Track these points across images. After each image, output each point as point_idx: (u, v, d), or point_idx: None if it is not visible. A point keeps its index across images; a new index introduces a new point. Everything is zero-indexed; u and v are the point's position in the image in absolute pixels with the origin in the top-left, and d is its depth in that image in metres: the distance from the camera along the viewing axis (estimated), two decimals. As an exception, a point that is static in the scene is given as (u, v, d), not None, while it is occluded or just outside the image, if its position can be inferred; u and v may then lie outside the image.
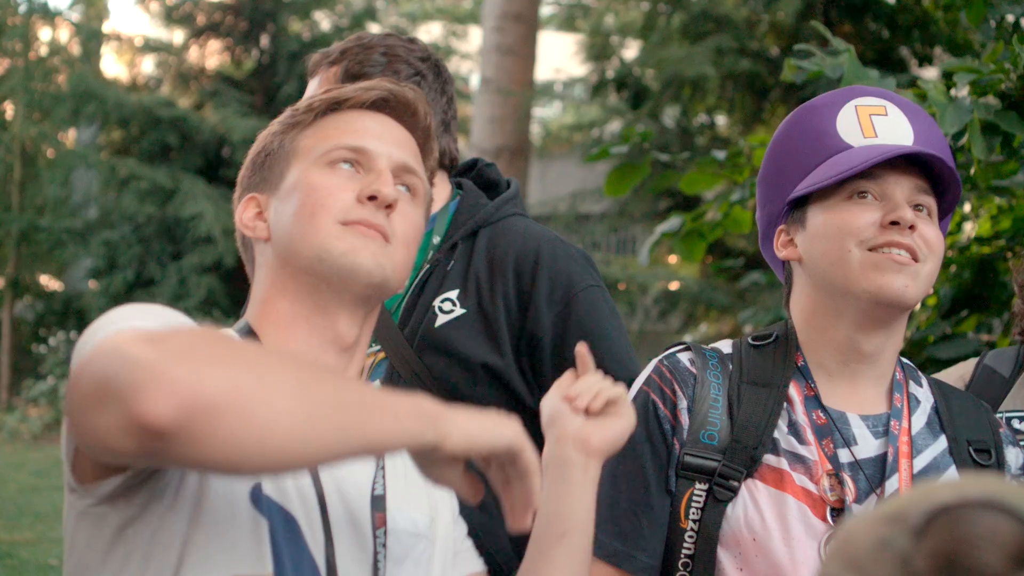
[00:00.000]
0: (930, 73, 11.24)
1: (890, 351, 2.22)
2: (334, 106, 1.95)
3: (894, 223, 2.10)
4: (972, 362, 2.66)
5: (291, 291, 1.87)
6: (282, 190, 1.91)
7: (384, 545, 1.80)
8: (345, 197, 1.86)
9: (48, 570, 8.19)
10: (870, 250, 2.11)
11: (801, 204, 2.21)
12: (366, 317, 1.90)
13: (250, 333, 1.87)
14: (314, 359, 1.85)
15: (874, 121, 2.19)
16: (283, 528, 1.70)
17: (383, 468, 1.87)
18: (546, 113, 23.48)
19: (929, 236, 2.13)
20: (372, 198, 1.85)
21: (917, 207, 2.14)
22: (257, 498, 1.70)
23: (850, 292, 2.12)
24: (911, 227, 2.10)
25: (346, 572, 1.75)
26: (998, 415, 2.52)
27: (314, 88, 2.85)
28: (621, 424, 1.91)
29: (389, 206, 1.86)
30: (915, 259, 2.11)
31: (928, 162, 2.15)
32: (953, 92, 3.58)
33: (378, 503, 1.83)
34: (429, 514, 1.92)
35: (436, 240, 2.71)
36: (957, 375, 2.65)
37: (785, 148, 2.24)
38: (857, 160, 2.11)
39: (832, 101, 2.23)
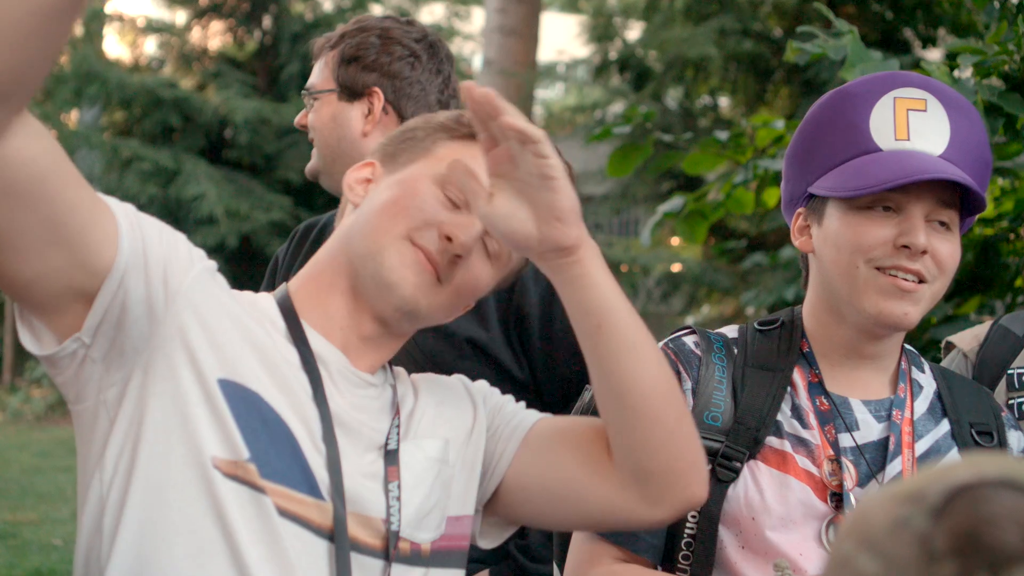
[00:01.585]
0: (934, 55, 11.22)
1: (892, 348, 2.23)
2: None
3: (906, 246, 2.08)
4: (988, 323, 2.67)
5: (341, 264, 1.93)
6: (395, 176, 1.94)
7: (398, 498, 1.84)
8: (429, 220, 1.88)
9: (51, 550, 8.20)
10: (878, 268, 2.09)
11: (821, 196, 2.19)
12: (396, 333, 1.95)
13: (286, 298, 1.93)
14: (337, 331, 1.91)
15: (910, 119, 2.13)
16: (268, 431, 1.77)
17: (398, 427, 1.91)
18: (548, 94, 23.40)
19: (942, 255, 2.11)
20: (449, 239, 1.87)
21: (938, 221, 2.12)
22: (230, 391, 1.75)
23: (852, 306, 2.13)
24: (923, 251, 2.08)
25: (355, 496, 1.81)
26: (1010, 372, 2.53)
27: (318, 71, 2.87)
28: (560, 191, 1.72)
29: (459, 255, 1.88)
30: (922, 281, 2.10)
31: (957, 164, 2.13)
32: (956, 73, 3.58)
33: (391, 457, 1.86)
34: (443, 437, 1.94)
35: None
36: (972, 335, 2.67)
37: (815, 133, 2.20)
38: (878, 177, 2.07)
39: (871, 90, 2.17)
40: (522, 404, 2.06)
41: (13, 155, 1.56)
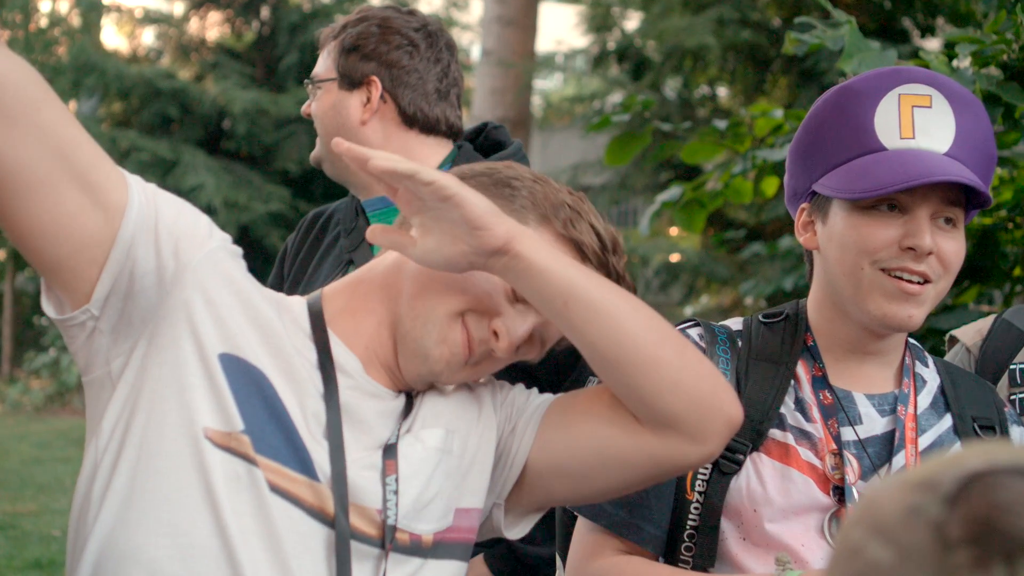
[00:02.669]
0: (932, 44, 11.21)
1: (896, 343, 2.23)
2: (571, 244, 1.94)
3: (911, 248, 2.07)
4: (991, 317, 2.67)
5: (389, 297, 1.94)
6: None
7: (395, 492, 1.84)
8: (488, 309, 1.89)
9: (51, 541, 8.22)
10: (883, 270, 2.09)
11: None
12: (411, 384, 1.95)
13: (317, 302, 1.94)
14: (362, 347, 1.91)
15: (915, 115, 2.12)
16: (266, 407, 1.78)
17: (399, 426, 1.90)
18: (547, 85, 23.40)
19: (947, 254, 2.10)
20: (496, 335, 1.88)
21: (944, 219, 2.11)
22: (232, 365, 1.77)
23: (856, 306, 2.12)
24: (928, 253, 2.08)
25: (351, 486, 1.81)
26: (1012, 367, 2.53)
27: (322, 61, 2.90)
28: (463, 204, 1.76)
29: (493, 351, 1.89)
30: (927, 281, 2.09)
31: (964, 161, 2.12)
32: (955, 63, 3.57)
33: (390, 451, 1.86)
34: (445, 427, 1.93)
35: None
36: (975, 330, 2.66)
37: (819, 128, 2.18)
38: (883, 179, 2.06)
39: (876, 86, 2.15)
40: (534, 390, 2.05)
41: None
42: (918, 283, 2.09)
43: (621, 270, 1.98)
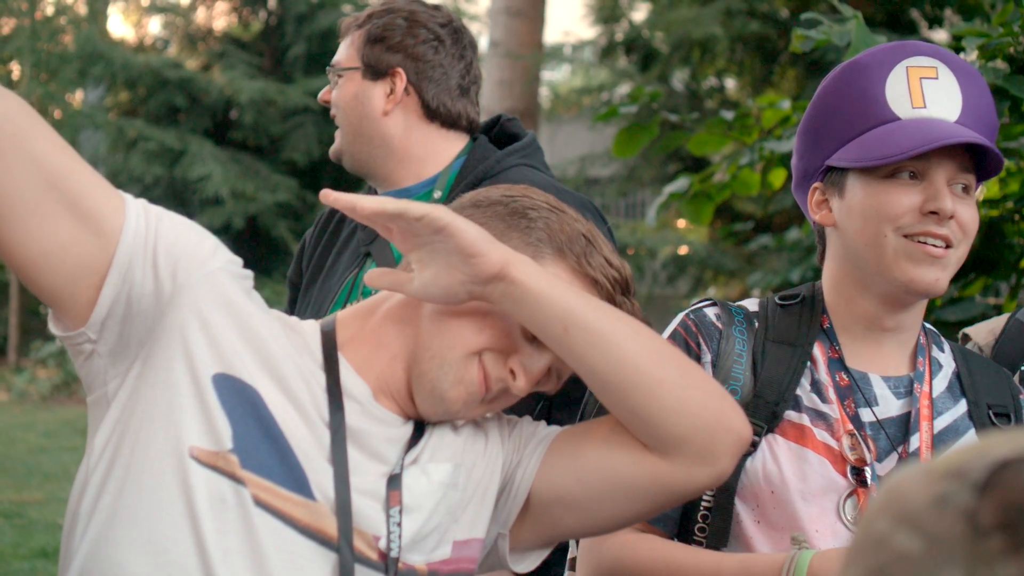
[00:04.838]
0: (940, 36, 11.19)
1: (913, 321, 2.24)
2: (587, 281, 1.92)
3: (933, 212, 2.10)
4: (1004, 317, 2.68)
5: (406, 335, 1.92)
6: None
7: (399, 524, 1.83)
8: (506, 349, 1.88)
9: (57, 530, 8.23)
10: (905, 236, 2.11)
11: (840, 168, 2.20)
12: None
13: (331, 329, 1.92)
14: (373, 377, 1.90)
15: (924, 86, 2.16)
16: (260, 427, 1.77)
17: (403, 458, 1.89)
18: (555, 76, 23.38)
19: (965, 219, 2.13)
20: (512, 373, 1.87)
21: (959, 186, 2.14)
22: (225, 385, 1.76)
23: (881, 275, 2.14)
24: (950, 216, 2.10)
25: (359, 511, 1.80)
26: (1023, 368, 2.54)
27: (344, 49, 2.91)
28: (456, 233, 1.77)
29: (509, 388, 1.88)
30: (949, 246, 2.12)
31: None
32: (962, 56, 3.57)
33: (394, 482, 1.85)
34: (452, 461, 1.92)
35: (437, 195, 2.76)
36: (987, 329, 2.67)
37: (830, 105, 2.21)
38: (903, 144, 2.09)
39: (883, 60, 2.19)
40: (541, 422, 2.04)
41: None
42: (942, 247, 2.11)
43: (631, 311, 1.94)
